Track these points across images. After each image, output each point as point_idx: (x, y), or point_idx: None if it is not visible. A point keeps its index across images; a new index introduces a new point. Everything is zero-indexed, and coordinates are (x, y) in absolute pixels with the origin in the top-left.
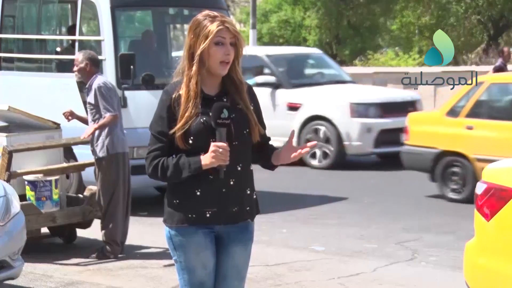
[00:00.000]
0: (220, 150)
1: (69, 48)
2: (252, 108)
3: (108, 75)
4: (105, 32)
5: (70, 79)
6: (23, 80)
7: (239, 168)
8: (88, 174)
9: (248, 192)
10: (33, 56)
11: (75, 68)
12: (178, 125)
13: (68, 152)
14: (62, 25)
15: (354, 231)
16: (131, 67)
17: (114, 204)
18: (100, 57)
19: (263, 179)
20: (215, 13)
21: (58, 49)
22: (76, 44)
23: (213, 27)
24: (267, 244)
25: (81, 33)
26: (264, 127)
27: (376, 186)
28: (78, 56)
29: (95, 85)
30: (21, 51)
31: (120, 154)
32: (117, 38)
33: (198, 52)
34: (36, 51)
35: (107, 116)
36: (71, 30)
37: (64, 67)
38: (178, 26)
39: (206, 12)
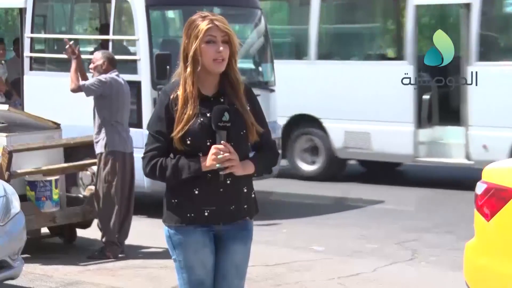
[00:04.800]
0: (221, 152)
1: (103, 48)
2: (249, 108)
3: (143, 75)
4: (140, 31)
5: None
6: (54, 81)
7: None
8: None
9: (245, 190)
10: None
11: (91, 66)
12: (177, 128)
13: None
14: (95, 24)
15: (354, 231)
16: (167, 67)
17: (109, 204)
18: (134, 57)
19: (264, 179)
20: (207, 13)
21: (91, 49)
22: (110, 43)
23: (202, 26)
24: (267, 244)
25: (115, 32)
26: (264, 127)
27: (376, 186)
28: (97, 55)
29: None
30: (53, 51)
31: (120, 152)
32: (152, 38)
33: (191, 53)
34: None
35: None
36: (104, 30)
37: None
38: None
39: (199, 13)
